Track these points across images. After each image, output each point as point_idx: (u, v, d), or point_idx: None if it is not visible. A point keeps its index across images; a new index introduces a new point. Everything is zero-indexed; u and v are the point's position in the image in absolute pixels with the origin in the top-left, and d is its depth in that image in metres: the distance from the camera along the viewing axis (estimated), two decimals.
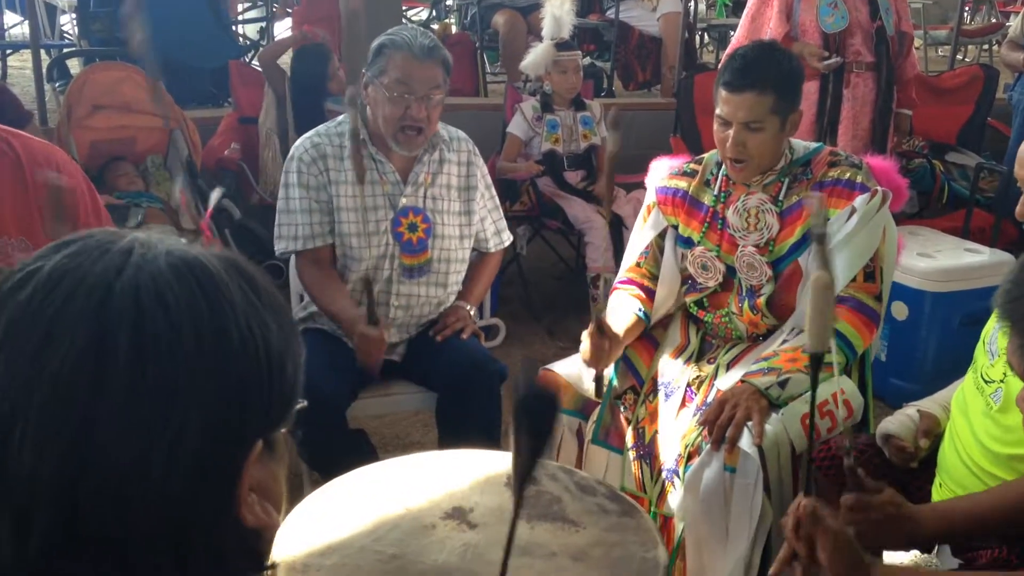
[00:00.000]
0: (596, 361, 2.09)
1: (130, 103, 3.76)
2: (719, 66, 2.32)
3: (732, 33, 7.97)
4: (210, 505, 0.66)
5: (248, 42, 7.04)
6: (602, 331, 2.07)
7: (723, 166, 2.19)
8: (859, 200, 2.06)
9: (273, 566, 0.74)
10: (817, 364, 1.34)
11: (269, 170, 4.18)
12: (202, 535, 0.65)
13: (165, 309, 0.63)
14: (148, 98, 3.78)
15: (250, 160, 4.27)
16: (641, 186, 2.51)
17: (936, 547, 1.79)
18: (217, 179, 4.21)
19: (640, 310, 2.25)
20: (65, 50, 5.90)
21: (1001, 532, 1.58)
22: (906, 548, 1.63)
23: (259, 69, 5.49)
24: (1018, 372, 0.98)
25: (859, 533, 1.53)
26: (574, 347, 2.24)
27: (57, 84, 5.54)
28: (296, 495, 1.81)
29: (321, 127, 2.44)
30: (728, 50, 3.55)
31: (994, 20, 8.83)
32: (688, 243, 2.26)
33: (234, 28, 6.81)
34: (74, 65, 5.76)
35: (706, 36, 7.88)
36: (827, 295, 1.32)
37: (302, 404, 0.75)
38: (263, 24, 6.79)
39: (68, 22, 6.97)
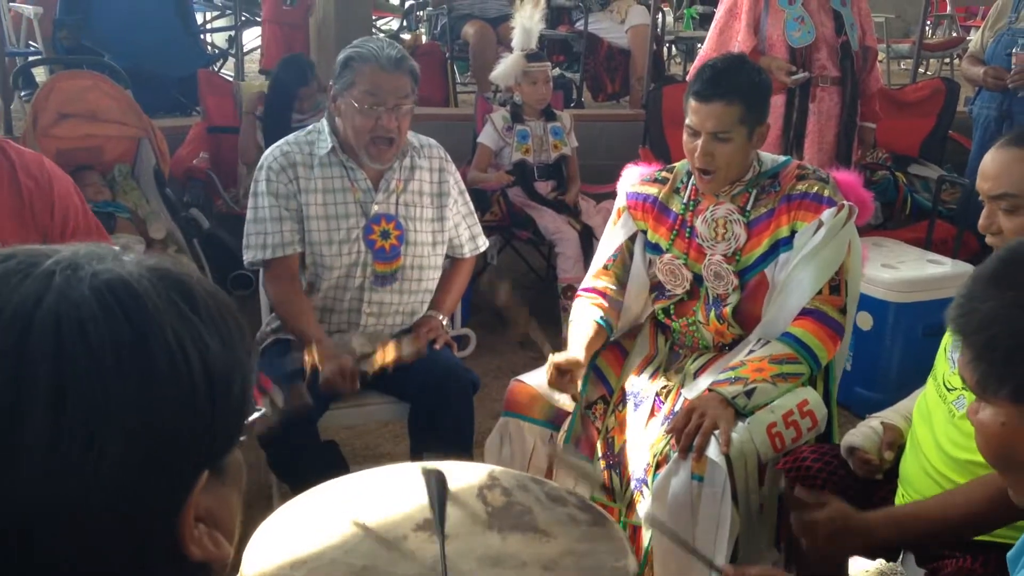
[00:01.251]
0: (560, 389, 2.16)
1: (97, 112, 3.72)
2: (688, 78, 2.35)
3: (700, 46, 8.03)
4: (144, 544, 0.63)
5: (216, 51, 7.00)
6: (562, 372, 2.11)
7: (692, 176, 2.22)
8: (826, 214, 2.09)
9: None
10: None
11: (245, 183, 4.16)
12: (140, 574, 0.62)
13: (85, 339, 0.60)
14: (116, 106, 3.74)
15: (218, 169, 4.25)
16: (610, 196, 2.53)
17: (901, 556, 1.82)
18: (185, 189, 4.18)
19: (601, 318, 2.27)
20: (31, 58, 5.82)
21: (952, 537, 1.61)
22: (865, 555, 1.66)
23: (228, 78, 5.48)
24: (969, 385, 1.01)
25: (813, 548, 1.57)
26: (545, 358, 2.25)
27: (23, 93, 5.47)
28: (266, 508, 1.81)
29: (291, 136, 2.44)
30: (696, 63, 3.59)
31: (955, 34, 9.01)
32: (656, 249, 2.29)
33: (203, 37, 6.77)
34: (40, 73, 5.69)
35: (674, 48, 7.94)
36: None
37: (259, 412, 0.72)
38: (232, 33, 6.75)
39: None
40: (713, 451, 1.90)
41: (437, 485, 1.52)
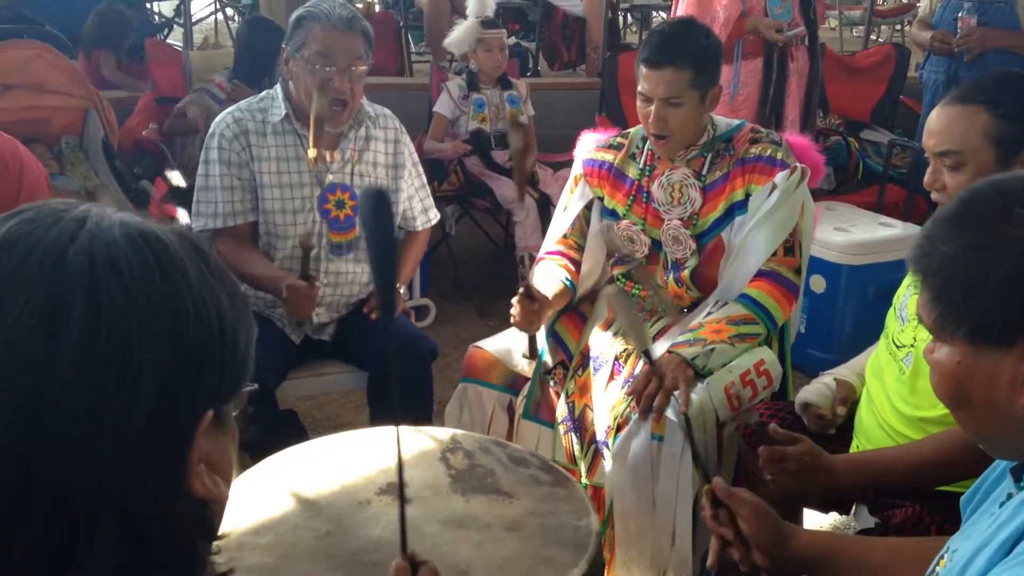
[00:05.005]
0: (527, 324, 2.13)
1: (42, 82, 3.61)
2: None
3: (655, 13, 8.01)
4: (161, 469, 0.66)
5: (163, 20, 6.85)
6: (531, 296, 2.10)
7: (648, 141, 2.23)
8: (779, 176, 2.11)
9: (224, 536, 0.74)
10: (649, 359, 1.74)
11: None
12: (152, 500, 0.66)
13: (119, 274, 0.64)
14: (61, 77, 3.64)
15: (169, 140, 4.16)
16: (568, 165, 2.54)
17: (853, 508, 1.86)
18: (135, 160, 4.10)
19: (567, 279, 2.28)
20: None
21: (910, 484, 1.65)
22: (825, 501, 1.69)
23: (176, 47, 5.36)
24: (926, 324, 1.02)
25: (779, 483, 1.59)
26: (504, 325, 2.26)
27: None
28: None
29: (243, 102, 2.40)
30: None
31: (905, 1, 9.10)
32: (613, 215, 2.30)
33: (148, 6, 6.62)
34: None
35: (629, 16, 7.95)
36: (623, 300, 1.59)
37: (252, 387, 0.76)
38: (179, 2, 6.61)
39: None
40: (672, 412, 1.92)
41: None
